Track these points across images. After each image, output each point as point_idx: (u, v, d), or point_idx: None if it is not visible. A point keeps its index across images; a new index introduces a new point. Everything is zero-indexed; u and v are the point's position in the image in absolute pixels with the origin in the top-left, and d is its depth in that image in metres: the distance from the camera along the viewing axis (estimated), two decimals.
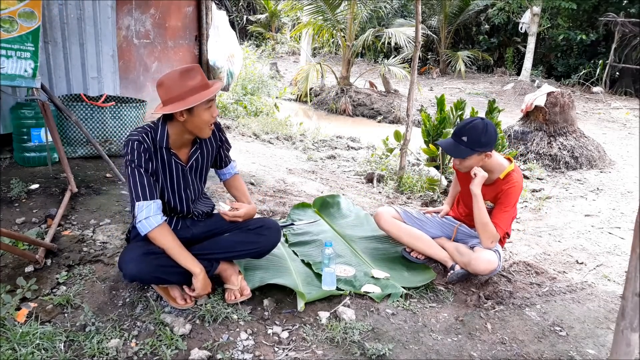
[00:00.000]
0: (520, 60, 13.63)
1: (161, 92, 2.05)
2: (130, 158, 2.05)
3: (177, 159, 2.19)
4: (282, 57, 15.86)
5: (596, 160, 5.81)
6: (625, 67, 11.96)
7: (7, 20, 2.95)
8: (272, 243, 2.37)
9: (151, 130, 2.11)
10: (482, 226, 2.53)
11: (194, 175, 2.29)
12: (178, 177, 2.21)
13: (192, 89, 2.02)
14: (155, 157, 2.12)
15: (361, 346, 2.03)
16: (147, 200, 2.03)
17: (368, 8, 10.11)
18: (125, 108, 4.03)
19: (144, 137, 2.07)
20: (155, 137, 2.11)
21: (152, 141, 2.10)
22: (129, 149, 2.05)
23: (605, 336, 2.27)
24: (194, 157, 2.25)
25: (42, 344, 1.86)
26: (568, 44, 13.22)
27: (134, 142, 2.05)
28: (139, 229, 2.04)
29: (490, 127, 2.48)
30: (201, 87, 2.05)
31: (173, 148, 2.16)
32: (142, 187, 2.04)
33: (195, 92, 2.03)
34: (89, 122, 3.88)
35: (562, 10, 12.71)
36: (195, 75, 2.05)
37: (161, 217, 2.06)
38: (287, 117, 7.34)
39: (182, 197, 2.25)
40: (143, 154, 2.06)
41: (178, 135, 2.14)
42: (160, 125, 2.12)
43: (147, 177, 2.06)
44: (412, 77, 4.37)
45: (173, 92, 2.01)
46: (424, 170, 4.81)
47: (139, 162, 2.05)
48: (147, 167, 2.07)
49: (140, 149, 2.05)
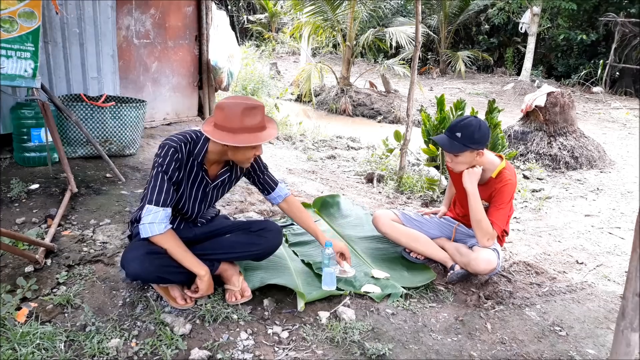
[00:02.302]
0: (520, 60, 13.63)
1: (219, 115, 2.02)
2: (160, 162, 2.04)
3: (205, 175, 2.19)
4: (282, 57, 15.85)
5: (596, 160, 5.81)
6: (625, 67, 11.96)
7: (7, 20, 2.95)
8: (274, 246, 2.37)
9: (191, 142, 2.10)
10: (477, 223, 2.53)
11: (215, 192, 2.30)
12: (199, 190, 2.22)
13: (247, 128, 2.00)
14: (185, 167, 2.12)
15: (361, 346, 2.03)
16: (159, 206, 2.02)
17: (368, 8, 10.11)
18: (125, 108, 4.03)
19: (182, 146, 2.07)
20: (194, 149, 2.10)
21: (188, 152, 2.09)
22: (162, 152, 2.05)
23: (605, 336, 2.27)
24: (222, 177, 2.25)
25: (42, 344, 1.86)
26: (568, 44, 13.22)
27: (170, 147, 2.05)
28: (140, 230, 2.04)
29: (484, 126, 2.49)
30: (257, 128, 2.04)
31: (206, 164, 2.17)
32: (159, 193, 2.03)
33: (249, 131, 2.01)
34: (89, 122, 3.88)
35: (562, 11, 12.70)
36: (256, 115, 2.03)
37: (165, 226, 2.05)
38: (286, 117, 7.34)
39: (195, 207, 2.26)
40: (174, 163, 2.05)
41: (216, 155, 2.14)
42: (202, 141, 2.11)
43: (168, 184, 2.05)
44: (412, 77, 4.37)
45: (229, 123, 2.00)
46: (423, 170, 4.81)
47: (167, 168, 2.04)
48: (172, 175, 2.07)
49: (174, 156, 2.05)
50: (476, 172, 2.54)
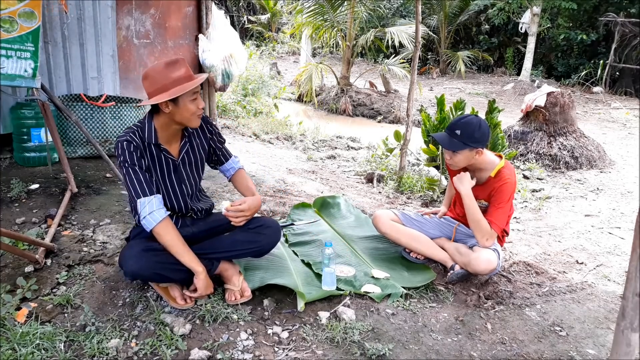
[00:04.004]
0: (520, 60, 13.63)
1: (146, 84, 2.06)
2: (123, 159, 2.06)
3: (167, 154, 2.19)
4: (282, 57, 15.85)
5: (596, 160, 5.81)
6: (625, 67, 11.95)
7: (7, 20, 2.95)
8: (272, 242, 2.37)
9: (138, 129, 2.12)
10: (475, 223, 2.54)
11: (188, 170, 2.29)
12: (170, 172, 2.21)
13: (176, 80, 2.03)
14: (146, 154, 2.13)
15: (361, 346, 2.03)
16: (148, 196, 2.04)
17: (368, 8, 10.11)
18: (125, 108, 4.03)
19: (132, 136, 2.09)
20: (144, 134, 2.11)
21: (140, 139, 2.11)
22: (119, 151, 2.06)
23: (605, 336, 2.27)
24: (184, 150, 2.25)
25: (42, 344, 1.86)
26: (568, 44, 13.22)
27: (123, 142, 2.06)
28: (144, 225, 2.04)
29: (484, 125, 2.50)
30: (186, 78, 2.06)
31: (162, 143, 2.17)
32: (139, 184, 2.05)
33: (179, 83, 2.03)
34: (89, 122, 3.88)
35: (562, 10, 12.71)
36: (180, 67, 2.06)
37: (164, 211, 2.07)
38: (287, 117, 7.33)
39: (177, 193, 2.25)
40: (134, 153, 2.07)
41: (165, 128, 2.14)
42: (147, 122, 2.13)
43: (142, 173, 2.07)
44: (412, 77, 4.37)
45: (158, 84, 2.02)
46: (423, 170, 4.81)
47: (132, 160, 2.06)
48: (140, 164, 2.08)
49: (131, 148, 2.06)
50: (466, 175, 2.57)
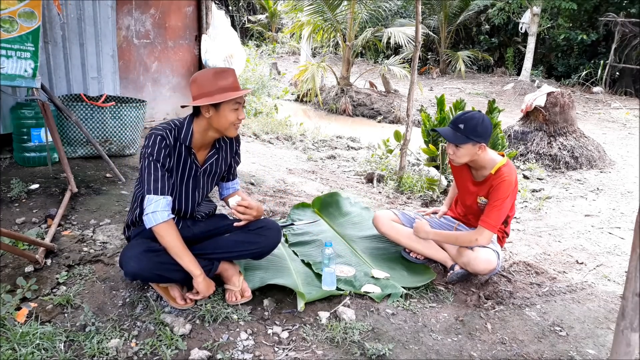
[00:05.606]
0: (520, 60, 13.62)
1: (193, 87, 2.09)
2: (150, 152, 2.06)
3: (194, 159, 2.20)
4: (282, 57, 15.85)
5: (596, 160, 5.81)
6: (625, 67, 11.95)
7: (7, 20, 2.95)
8: (273, 243, 2.37)
9: (176, 128, 2.13)
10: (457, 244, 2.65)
11: (206, 179, 2.30)
12: (190, 176, 2.22)
13: (222, 88, 2.06)
14: (174, 154, 2.13)
15: (361, 346, 2.03)
16: (158, 195, 2.04)
17: (368, 8, 10.11)
18: (125, 108, 4.03)
19: (167, 133, 2.09)
20: (179, 134, 2.13)
21: (174, 138, 2.12)
22: (150, 142, 2.06)
23: (605, 336, 2.27)
24: (210, 160, 2.26)
25: (42, 344, 1.86)
26: (568, 44, 13.21)
27: (157, 136, 2.06)
28: (145, 221, 2.05)
29: (487, 120, 2.51)
30: (231, 87, 2.09)
31: (194, 147, 2.18)
32: (155, 181, 2.05)
33: (224, 91, 2.07)
34: (89, 122, 3.88)
35: (562, 11, 12.70)
36: (228, 76, 2.10)
37: (168, 214, 2.06)
38: (287, 117, 7.33)
39: (189, 198, 2.26)
40: (163, 150, 2.07)
41: (202, 133, 2.15)
42: (187, 123, 2.15)
43: (162, 172, 2.07)
44: (412, 77, 4.37)
45: (204, 89, 2.06)
46: (423, 170, 4.81)
47: (158, 156, 2.06)
48: (164, 162, 2.08)
49: (162, 144, 2.07)
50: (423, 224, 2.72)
